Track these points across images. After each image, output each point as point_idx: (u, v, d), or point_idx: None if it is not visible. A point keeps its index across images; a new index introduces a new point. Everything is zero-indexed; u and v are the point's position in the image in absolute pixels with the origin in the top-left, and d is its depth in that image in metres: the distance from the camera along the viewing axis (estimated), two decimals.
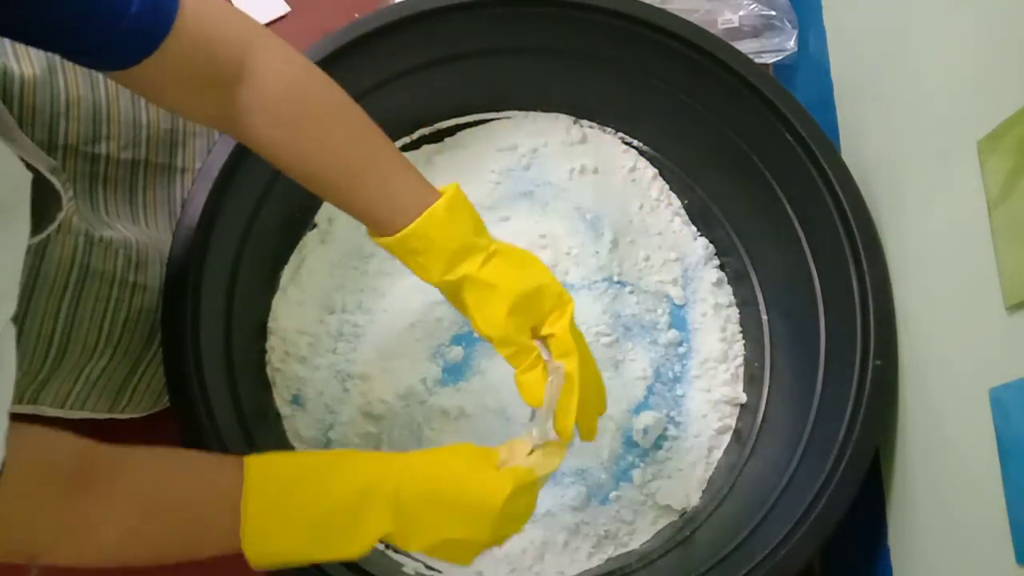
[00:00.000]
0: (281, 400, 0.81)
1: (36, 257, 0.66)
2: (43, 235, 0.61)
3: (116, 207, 0.76)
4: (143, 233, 0.76)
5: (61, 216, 0.61)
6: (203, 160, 0.82)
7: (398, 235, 0.60)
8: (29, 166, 0.54)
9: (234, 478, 0.54)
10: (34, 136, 0.68)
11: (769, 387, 0.83)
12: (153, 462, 0.55)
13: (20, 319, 0.63)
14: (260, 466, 0.55)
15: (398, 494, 0.55)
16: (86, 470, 0.51)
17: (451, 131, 0.92)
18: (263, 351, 0.82)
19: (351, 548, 0.55)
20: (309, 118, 0.60)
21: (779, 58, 0.96)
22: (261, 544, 0.54)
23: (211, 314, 0.73)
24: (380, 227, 0.62)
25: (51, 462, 0.50)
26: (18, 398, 0.68)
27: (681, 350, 0.86)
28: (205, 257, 0.72)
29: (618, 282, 0.87)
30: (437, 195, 0.62)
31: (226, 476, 0.55)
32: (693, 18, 0.87)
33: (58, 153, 0.70)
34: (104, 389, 0.74)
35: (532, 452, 0.61)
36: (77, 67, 0.73)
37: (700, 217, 0.90)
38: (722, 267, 0.89)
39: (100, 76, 0.75)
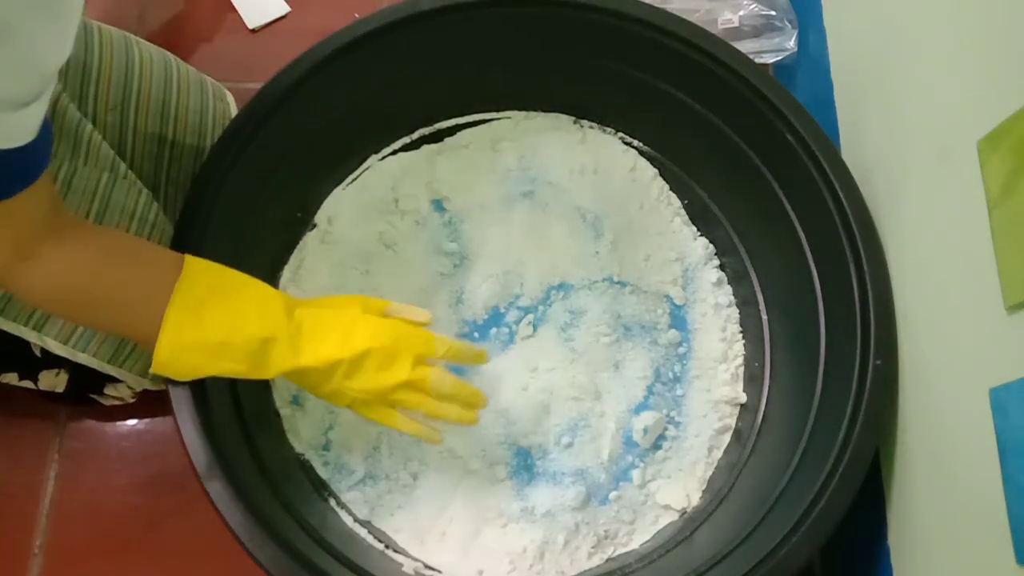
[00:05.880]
0: (281, 400, 0.81)
1: (63, 186, 0.68)
2: None
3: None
4: None
5: None
6: (195, 138, 0.83)
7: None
8: None
9: (170, 278, 0.61)
10: None
11: (769, 387, 0.83)
12: (110, 236, 0.63)
13: None
14: (193, 274, 0.62)
15: (300, 332, 0.64)
16: (55, 222, 0.57)
17: (451, 131, 0.92)
18: None
19: (252, 375, 0.64)
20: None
21: (779, 58, 0.96)
22: (173, 343, 0.60)
23: None
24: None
25: (50, 201, 0.56)
26: (25, 319, 0.70)
27: (681, 350, 0.86)
28: (203, 257, 0.72)
29: (618, 282, 0.87)
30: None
31: (165, 275, 0.61)
32: (693, 18, 0.87)
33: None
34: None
35: None
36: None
37: (700, 217, 0.90)
38: (722, 267, 0.89)
39: (96, 40, 0.77)
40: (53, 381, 0.79)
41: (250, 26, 1.05)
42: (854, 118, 0.82)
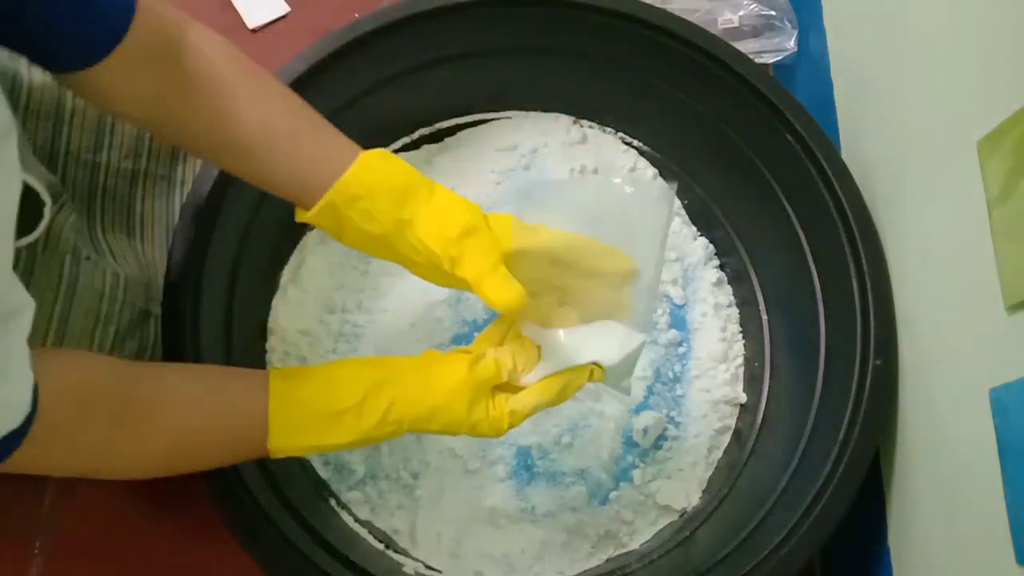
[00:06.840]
0: None
1: (25, 275, 0.65)
2: (29, 239, 0.62)
3: (112, 218, 0.76)
4: (134, 253, 0.76)
5: (43, 225, 0.62)
6: (167, 168, 0.82)
7: (338, 182, 0.60)
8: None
9: (260, 404, 0.60)
10: (36, 141, 0.68)
11: (769, 387, 0.83)
12: (187, 393, 0.61)
13: None
14: (282, 392, 0.61)
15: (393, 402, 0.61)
16: (124, 402, 0.56)
17: (451, 131, 0.91)
18: (263, 351, 0.82)
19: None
20: (248, 83, 0.62)
21: (779, 58, 0.96)
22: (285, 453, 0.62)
23: (211, 314, 0.73)
24: (313, 188, 0.61)
25: (90, 392, 0.54)
26: None
27: (681, 350, 0.86)
28: (205, 257, 0.72)
29: None
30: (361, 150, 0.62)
31: (254, 402, 0.60)
32: (693, 18, 0.87)
33: (59, 160, 0.70)
34: None
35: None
36: None
37: (700, 217, 0.90)
38: (722, 267, 0.89)
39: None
40: None
41: (250, 26, 1.05)
42: (854, 118, 0.82)
